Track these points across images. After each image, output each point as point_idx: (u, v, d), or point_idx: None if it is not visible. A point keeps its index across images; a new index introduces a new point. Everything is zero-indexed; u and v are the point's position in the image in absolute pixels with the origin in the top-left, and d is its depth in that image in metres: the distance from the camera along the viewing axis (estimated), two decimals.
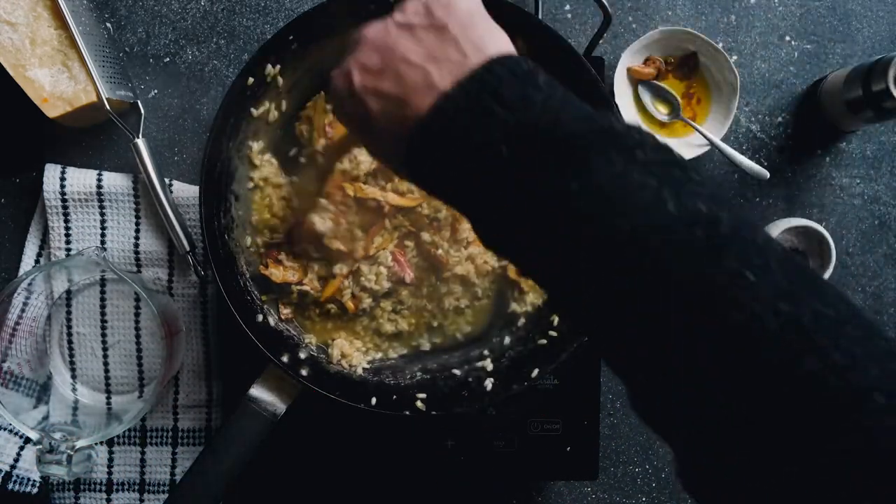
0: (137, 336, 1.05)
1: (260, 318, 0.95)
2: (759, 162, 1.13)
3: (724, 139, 1.12)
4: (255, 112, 0.96)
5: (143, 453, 1.06)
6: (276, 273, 0.97)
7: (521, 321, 1.01)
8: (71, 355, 1.05)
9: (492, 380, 0.95)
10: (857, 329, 0.43)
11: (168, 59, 1.08)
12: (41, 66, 0.96)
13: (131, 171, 1.06)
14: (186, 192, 1.04)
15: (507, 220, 0.51)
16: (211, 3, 1.08)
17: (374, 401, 0.92)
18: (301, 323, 0.99)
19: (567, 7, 1.12)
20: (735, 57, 1.13)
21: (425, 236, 0.97)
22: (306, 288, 0.97)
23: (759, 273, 0.43)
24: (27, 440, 1.04)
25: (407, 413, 0.91)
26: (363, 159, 0.94)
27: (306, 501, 1.07)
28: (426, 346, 1.00)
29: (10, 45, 0.95)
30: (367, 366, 0.99)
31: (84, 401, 1.04)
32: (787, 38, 1.14)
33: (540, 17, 1.05)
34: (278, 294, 0.99)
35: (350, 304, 0.99)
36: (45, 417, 1.01)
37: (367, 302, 0.98)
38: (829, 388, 0.40)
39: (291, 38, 0.92)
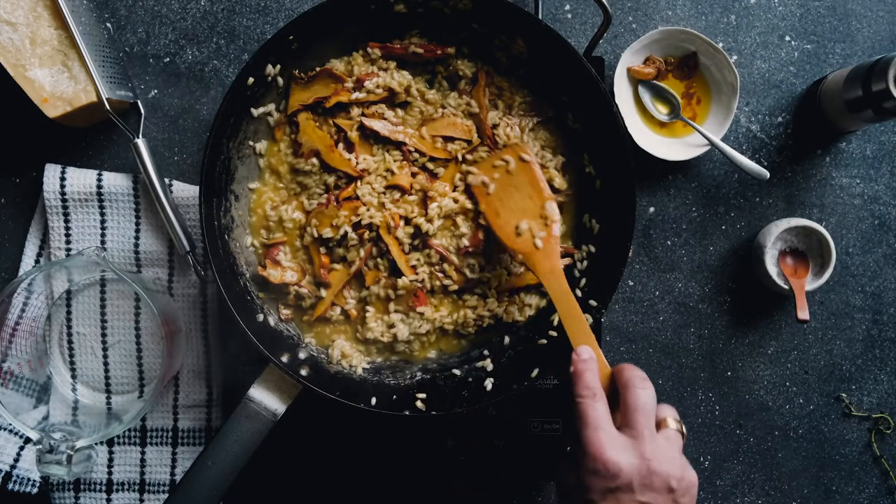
0: (137, 336, 1.05)
1: (260, 318, 0.95)
2: (759, 162, 1.13)
3: (724, 139, 1.12)
4: (255, 112, 0.96)
5: (143, 453, 1.06)
6: (275, 274, 0.97)
7: (521, 321, 1.01)
8: (71, 355, 1.05)
9: (492, 380, 0.95)
10: None
11: (168, 59, 1.08)
12: (41, 66, 0.96)
13: (131, 171, 1.06)
14: (186, 192, 1.05)
15: None
16: (211, 3, 1.09)
17: (374, 401, 0.92)
18: (300, 325, 0.99)
19: (567, 7, 1.12)
20: (735, 57, 1.13)
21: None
22: (304, 290, 0.97)
23: None
24: (27, 440, 1.04)
25: (407, 413, 0.91)
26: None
27: (306, 501, 1.07)
28: (432, 353, 1.00)
29: (10, 45, 0.95)
30: (368, 366, 0.99)
31: (84, 401, 1.04)
32: (787, 38, 1.14)
33: (540, 17, 1.05)
34: (277, 294, 0.99)
35: (353, 312, 0.99)
36: (45, 417, 1.01)
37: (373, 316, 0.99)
38: None
39: (291, 38, 0.92)
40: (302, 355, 0.94)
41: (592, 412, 0.71)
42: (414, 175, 0.97)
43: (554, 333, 0.97)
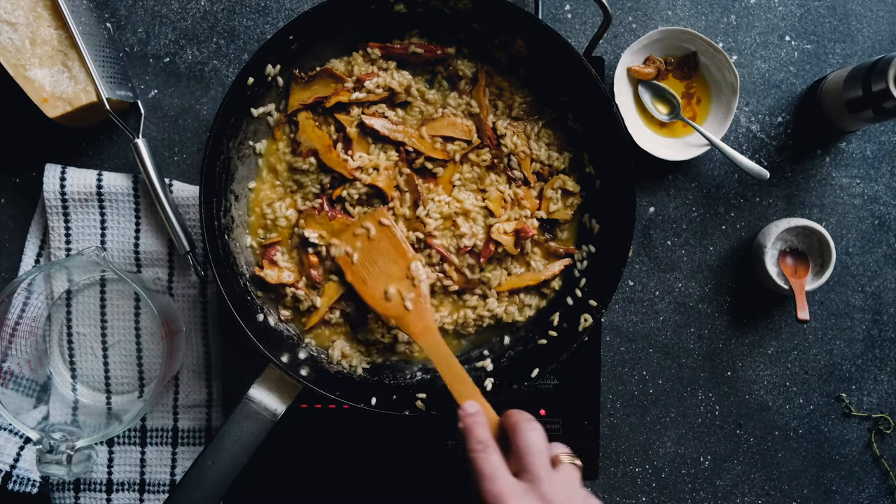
0: (137, 336, 1.05)
1: (260, 317, 0.95)
2: (759, 162, 1.13)
3: (724, 139, 1.12)
4: (255, 112, 0.96)
5: (143, 453, 1.06)
6: (271, 274, 0.96)
7: (521, 321, 1.01)
8: (71, 355, 1.05)
9: (492, 380, 0.95)
10: None
11: (168, 59, 1.08)
12: (41, 66, 0.96)
13: (131, 171, 1.06)
14: (186, 192, 1.05)
15: None
16: (211, 3, 1.09)
17: (374, 401, 0.92)
18: (299, 326, 0.99)
19: (567, 7, 1.12)
20: (735, 57, 1.13)
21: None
22: (300, 292, 0.97)
23: None
24: (27, 440, 1.04)
25: (407, 413, 0.91)
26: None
27: (306, 501, 1.07)
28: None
29: (10, 45, 0.95)
30: (367, 366, 0.99)
31: (84, 401, 1.04)
32: (787, 38, 1.14)
33: (540, 17, 1.06)
34: (277, 294, 0.99)
35: (353, 314, 0.98)
36: (45, 417, 1.01)
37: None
38: None
39: (291, 38, 0.92)
40: (302, 355, 0.94)
41: (487, 465, 0.71)
42: (401, 174, 0.97)
43: (554, 333, 0.97)
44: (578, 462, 0.75)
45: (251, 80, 0.91)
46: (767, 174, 1.05)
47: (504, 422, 0.77)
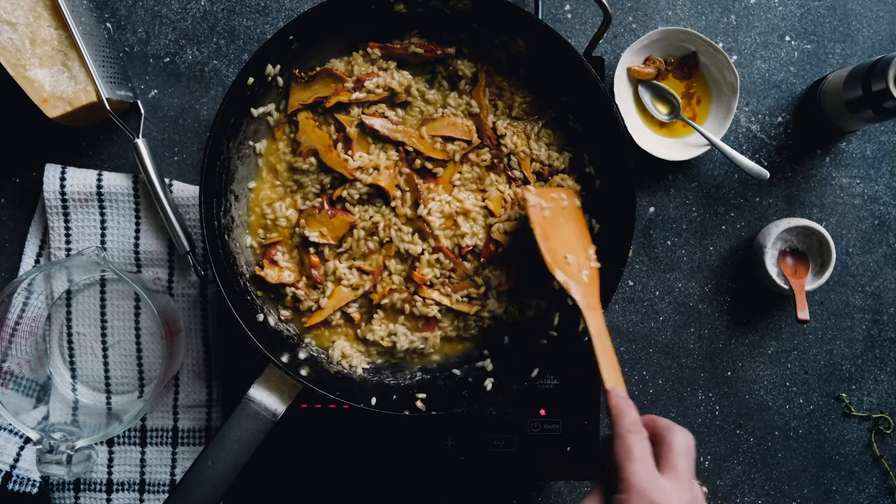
0: (137, 336, 1.05)
1: (260, 317, 0.95)
2: (759, 162, 1.13)
3: (724, 139, 1.12)
4: (255, 112, 0.96)
5: (143, 453, 1.06)
6: (272, 274, 0.96)
7: (521, 322, 1.01)
8: (71, 355, 1.05)
9: (492, 380, 0.95)
10: None
11: (168, 59, 1.08)
12: (41, 66, 0.96)
13: (131, 171, 1.06)
14: (186, 192, 1.05)
15: None
16: (211, 3, 1.09)
17: (374, 401, 0.92)
18: (299, 326, 0.99)
19: (567, 7, 1.12)
20: (735, 57, 1.13)
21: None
22: (300, 292, 0.97)
23: None
24: (27, 440, 1.04)
25: (407, 413, 0.91)
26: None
27: (306, 502, 1.07)
28: (436, 357, 1.00)
29: (10, 45, 0.95)
30: (368, 366, 0.99)
31: (84, 401, 1.04)
32: (787, 38, 1.14)
33: (540, 17, 1.06)
34: (277, 294, 0.99)
35: (356, 316, 0.98)
36: (45, 417, 1.01)
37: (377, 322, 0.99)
38: None
39: (291, 38, 0.92)
40: (302, 355, 0.94)
41: (639, 447, 0.70)
42: (401, 174, 0.97)
43: (554, 333, 0.97)
44: (705, 489, 0.75)
45: (251, 80, 0.91)
46: (767, 174, 1.05)
47: (653, 423, 0.75)
